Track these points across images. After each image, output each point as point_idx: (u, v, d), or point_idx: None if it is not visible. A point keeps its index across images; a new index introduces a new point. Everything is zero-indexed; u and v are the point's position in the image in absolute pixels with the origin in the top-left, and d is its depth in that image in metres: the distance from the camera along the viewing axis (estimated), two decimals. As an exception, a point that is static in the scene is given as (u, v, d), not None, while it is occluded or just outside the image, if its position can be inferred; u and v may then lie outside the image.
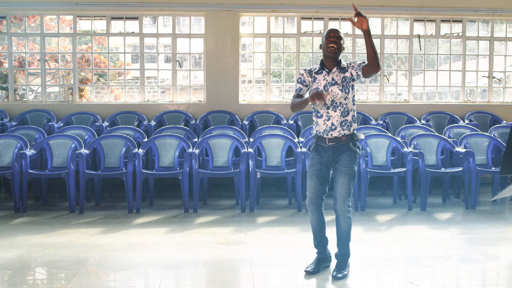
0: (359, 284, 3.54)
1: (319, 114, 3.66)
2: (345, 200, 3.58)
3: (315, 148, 3.69)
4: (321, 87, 3.61)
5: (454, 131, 7.04)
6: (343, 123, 3.58)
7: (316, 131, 3.69)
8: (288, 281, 3.71)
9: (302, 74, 3.71)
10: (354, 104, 3.64)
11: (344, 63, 3.65)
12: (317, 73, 3.67)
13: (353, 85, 3.62)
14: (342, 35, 3.63)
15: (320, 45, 3.68)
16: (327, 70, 3.63)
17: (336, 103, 3.58)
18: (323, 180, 3.65)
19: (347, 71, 3.60)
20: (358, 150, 3.65)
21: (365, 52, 3.44)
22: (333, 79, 3.60)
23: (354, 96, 3.63)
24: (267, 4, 7.73)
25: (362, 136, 3.79)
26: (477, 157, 6.16)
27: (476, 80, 8.43)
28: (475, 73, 8.40)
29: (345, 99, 3.58)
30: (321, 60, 3.69)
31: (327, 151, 3.62)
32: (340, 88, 3.58)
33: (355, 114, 3.66)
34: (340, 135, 3.59)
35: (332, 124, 3.59)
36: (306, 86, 3.70)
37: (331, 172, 3.68)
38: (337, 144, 3.59)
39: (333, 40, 3.55)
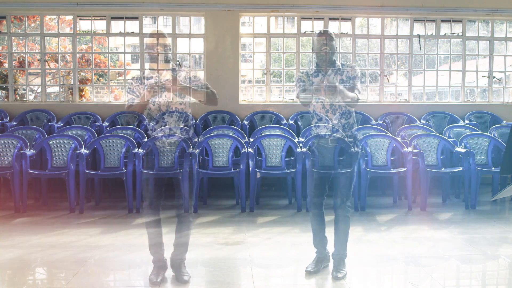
0: (359, 284, 3.54)
1: (318, 117, 3.66)
2: (346, 200, 3.59)
3: (316, 148, 3.69)
4: None
5: (454, 131, 7.04)
6: (346, 125, 3.58)
7: (317, 132, 3.69)
8: (288, 281, 3.71)
9: (301, 77, 3.69)
10: (353, 106, 3.63)
11: (338, 63, 3.62)
12: (313, 75, 3.66)
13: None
14: (333, 36, 3.61)
15: (312, 48, 3.66)
16: (323, 73, 3.62)
17: (335, 106, 3.58)
18: (325, 179, 3.66)
19: (343, 73, 3.57)
20: (358, 151, 3.65)
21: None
22: (330, 82, 3.59)
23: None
24: (267, 4, 7.73)
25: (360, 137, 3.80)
26: (477, 157, 6.16)
27: (476, 80, 8.42)
28: (475, 73, 8.40)
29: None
30: (317, 63, 3.67)
31: (329, 151, 3.62)
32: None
33: (354, 115, 3.67)
34: (342, 137, 3.59)
35: (333, 126, 3.59)
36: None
37: (332, 172, 3.69)
38: (339, 145, 3.60)
39: (324, 43, 3.54)
